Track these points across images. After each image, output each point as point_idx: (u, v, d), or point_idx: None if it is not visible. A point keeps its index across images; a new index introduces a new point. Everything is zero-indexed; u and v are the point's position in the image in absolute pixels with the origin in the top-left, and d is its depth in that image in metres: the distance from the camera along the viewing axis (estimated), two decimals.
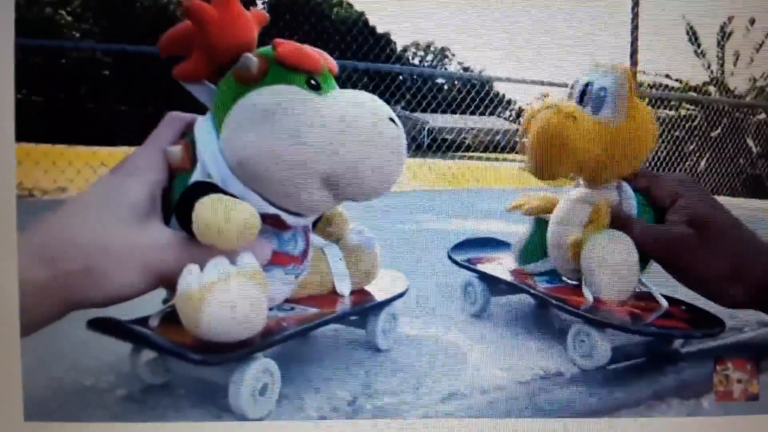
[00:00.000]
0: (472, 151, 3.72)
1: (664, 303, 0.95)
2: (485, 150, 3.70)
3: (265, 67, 0.76)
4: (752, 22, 3.23)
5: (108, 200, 0.73)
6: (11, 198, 0.79)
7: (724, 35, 3.71)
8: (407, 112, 3.71)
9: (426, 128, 3.99)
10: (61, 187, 2.56)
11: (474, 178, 3.34)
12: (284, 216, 0.79)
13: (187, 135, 0.79)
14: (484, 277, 1.10)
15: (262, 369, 0.74)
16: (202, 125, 0.78)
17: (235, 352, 0.70)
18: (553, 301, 0.96)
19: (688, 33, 3.27)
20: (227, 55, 0.77)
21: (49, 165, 2.58)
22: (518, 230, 1.11)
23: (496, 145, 3.58)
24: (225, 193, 0.74)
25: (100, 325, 0.73)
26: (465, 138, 3.73)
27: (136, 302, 0.75)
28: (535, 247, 1.07)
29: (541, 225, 1.06)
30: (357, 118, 0.75)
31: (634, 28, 2.76)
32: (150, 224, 0.74)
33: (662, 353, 0.96)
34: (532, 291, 1.01)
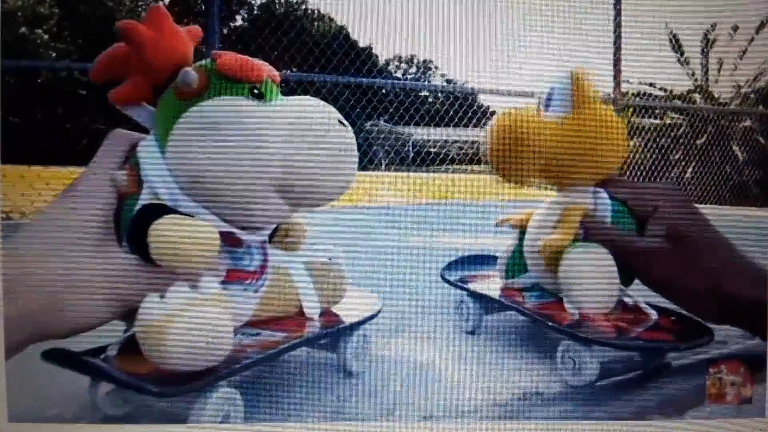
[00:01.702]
0: (457, 164, 3.71)
1: (653, 314, 0.92)
2: (470, 162, 3.69)
3: (206, 80, 0.74)
4: (735, 29, 3.24)
5: (61, 227, 0.69)
6: None
7: (707, 43, 3.73)
8: (390, 126, 3.70)
9: (410, 141, 3.98)
10: (40, 209, 2.52)
11: (459, 191, 3.32)
12: (239, 233, 0.76)
13: (130, 158, 0.76)
14: (474, 295, 1.08)
15: (224, 398, 0.71)
16: (146, 147, 0.75)
17: (196, 382, 0.67)
18: (540, 318, 0.92)
19: (671, 41, 3.27)
20: (165, 74, 0.75)
21: (26, 187, 2.54)
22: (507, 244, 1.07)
23: (481, 158, 3.56)
24: (178, 213, 0.71)
25: (55, 357, 0.70)
26: (449, 150, 3.72)
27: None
28: (518, 261, 1.04)
29: (523, 238, 1.03)
30: (306, 124, 0.74)
31: (617, 38, 2.76)
32: (107, 248, 0.70)
33: (652, 367, 0.94)
34: (521, 308, 0.97)
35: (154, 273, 0.69)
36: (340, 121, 0.77)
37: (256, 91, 0.75)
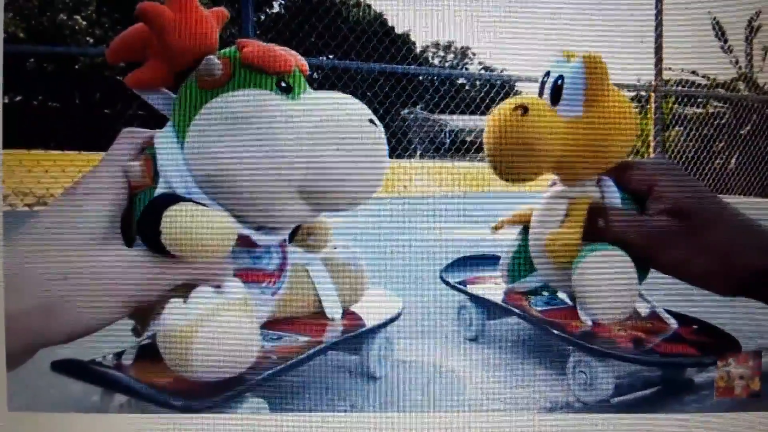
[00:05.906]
0: None
1: (673, 323, 0.84)
2: None
3: (230, 70, 0.68)
4: None
5: (65, 224, 0.66)
6: None
7: (751, 30, 3.64)
8: (427, 113, 3.67)
9: (446, 129, 3.95)
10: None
11: (495, 180, 3.29)
12: (254, 237, 0.71)
13: (146, 149, 0.71)
14: (476, 299, 1.00)
15: (251, 410, 0.67)
16: (163, 137, 0.70)
17: (221, 393, 0.62)
18: (548, 327, 0.84)
19: (714, 28, 3.20)
20: (187, 60, 0.70)
21: (76, 172, 2.55)
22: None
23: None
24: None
25: (66, 368, 0.64)
26: None
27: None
28: (523, 261, 0.96)
29: (526, 237, 0.94)
30: (334, 122, 0.68)
31: (659, 25, 2.71)
32: (111, 246, 0.66)
33: (673, 383, 0.85)
34: (527, 315, 0.90)
35: (164, 267, 0.65)
36: (371, 120, 0.71)
37: (283, 84, 0.69)
